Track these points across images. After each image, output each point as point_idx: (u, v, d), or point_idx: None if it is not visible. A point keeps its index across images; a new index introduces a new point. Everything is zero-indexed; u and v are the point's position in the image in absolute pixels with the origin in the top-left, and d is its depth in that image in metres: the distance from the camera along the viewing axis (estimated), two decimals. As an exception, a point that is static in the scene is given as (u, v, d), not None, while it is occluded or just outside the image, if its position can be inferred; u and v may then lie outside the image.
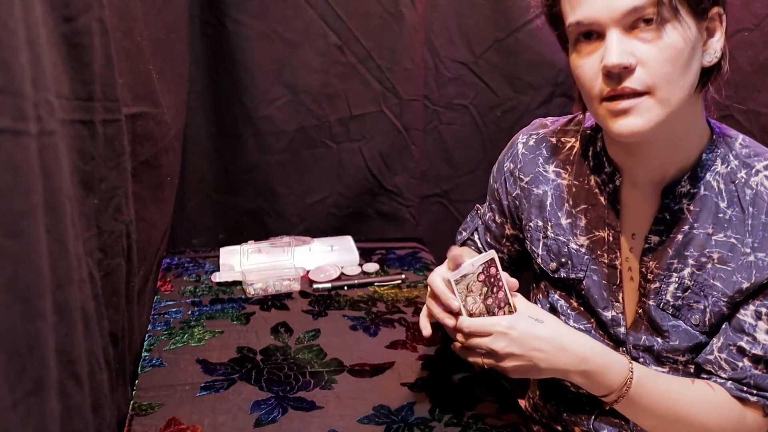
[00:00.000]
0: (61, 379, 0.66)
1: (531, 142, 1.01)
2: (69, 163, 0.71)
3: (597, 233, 0.94)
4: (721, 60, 0.82)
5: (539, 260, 1.00)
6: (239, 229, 1.58)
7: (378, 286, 1.28)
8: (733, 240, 0.84)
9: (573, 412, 0.99)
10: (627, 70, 0.76)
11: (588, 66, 0.80)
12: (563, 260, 0.97)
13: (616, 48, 0.76)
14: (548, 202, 0.98)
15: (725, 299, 0.84)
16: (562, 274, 0.97)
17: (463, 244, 1.17)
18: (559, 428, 1.04)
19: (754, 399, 0.84)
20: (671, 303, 0.88)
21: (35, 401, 0.59)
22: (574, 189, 0.96)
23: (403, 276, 1.31)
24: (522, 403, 1.14)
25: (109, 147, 0.82)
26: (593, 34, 0.79)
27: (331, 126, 1.53)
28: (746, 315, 0.83)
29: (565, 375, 0.82)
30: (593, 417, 0.97)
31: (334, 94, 1.51)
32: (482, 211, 1.14)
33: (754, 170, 0.84)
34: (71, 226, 0.69)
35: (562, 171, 0.98)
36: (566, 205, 0.97)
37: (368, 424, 0.89)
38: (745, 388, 0.84)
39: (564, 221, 0.97)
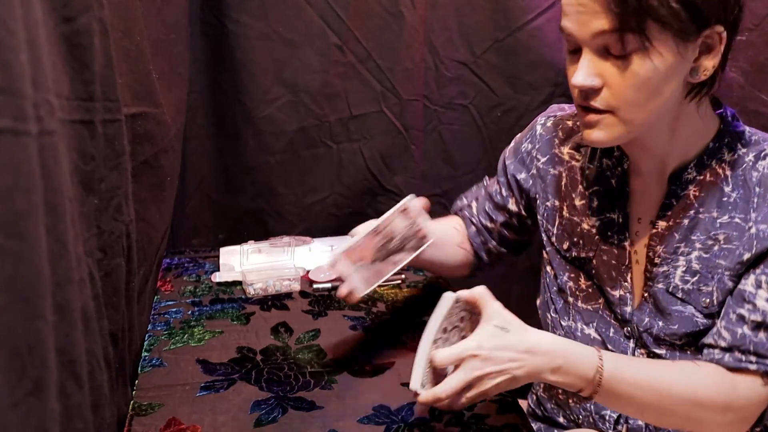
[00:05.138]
0: (61, 379, 0.66)
1: (549, 124, 1.05)
2: (69, 163, 0.71)
3: (608, 215, 0.96)
4: (715, 76, 0.82)
5: (554, 239, 1.03)
6: (239, 229, 1.58)
7: (378, 286, 1.28)
8: (737, 220, 0.86)
9: (579, 398, 0.99)
10: (593, 90, 0.81)
11: (570, 73, 0.84)
12: (575, 239, 1.00)
13: (584, 70, 0.81)
14: (563, 183, 1.02)
15: (728, 273, 0.86)
16: (574, 253, 1.00)
17: (457, 212, 1.20)
18: (563, 420, 1.04)
19: (753, 367, 0.83)
20: (680, 287, 0.89)
21: (35, 401, 0.59)
22: (587, 171, 0.99)
23: (403, 276, 1.31)
24: (523, 402, 1.14)
25: (109, 147, 0.82)
26: (576, 47, 0.83)
27: (331, 126, 1.53)
28: (746, 284, 0.85)
29: (539, 377, 0.81)
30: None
31: (334, 94, 1.51)
32: (488, 182, 1.18)
33: (762, 154, 0.86)
34: (71, 226, 0.69)
35: (576, 153, 1.01)
36: (580, 186, 1.00)
37: (368, 424, 0.89)
38: (744, 357, 0.83)
39: (578, 202, 1.00)
